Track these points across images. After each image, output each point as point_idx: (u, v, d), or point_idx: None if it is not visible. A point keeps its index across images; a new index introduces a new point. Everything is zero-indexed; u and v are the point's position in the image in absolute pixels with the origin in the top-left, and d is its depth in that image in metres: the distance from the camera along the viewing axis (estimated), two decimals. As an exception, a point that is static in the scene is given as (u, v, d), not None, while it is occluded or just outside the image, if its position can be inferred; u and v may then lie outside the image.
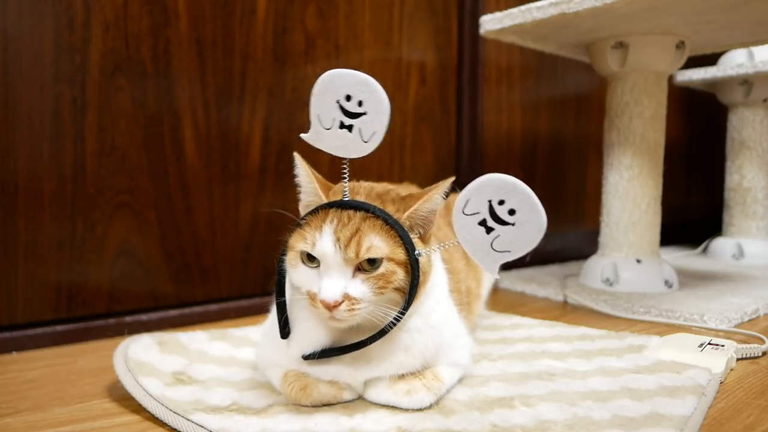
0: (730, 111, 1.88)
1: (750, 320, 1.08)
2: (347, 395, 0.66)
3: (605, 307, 1.15)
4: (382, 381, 0.64)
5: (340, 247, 0.58)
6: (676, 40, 1.26)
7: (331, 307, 0.57)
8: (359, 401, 0.66)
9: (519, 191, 0.55)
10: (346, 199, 0.62)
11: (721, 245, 1.85)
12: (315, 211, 0.62)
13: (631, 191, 1.28)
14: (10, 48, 0.87)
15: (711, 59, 1.81)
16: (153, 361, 0.75)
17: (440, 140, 1.46)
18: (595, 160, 1.85)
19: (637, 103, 1.27)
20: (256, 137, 1.12)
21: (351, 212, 0.60)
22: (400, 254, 0.60)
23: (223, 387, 0.70)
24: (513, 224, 0.56)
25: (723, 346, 0.82)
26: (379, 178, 0.71)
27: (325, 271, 0.59)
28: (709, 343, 0.83)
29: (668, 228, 1.51)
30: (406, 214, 0.62)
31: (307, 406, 0.64)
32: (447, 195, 0.65)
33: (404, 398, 0.63)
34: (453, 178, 0.64)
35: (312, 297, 0.60)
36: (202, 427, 0.59)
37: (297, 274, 0.62)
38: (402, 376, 0.64)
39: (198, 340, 0.85)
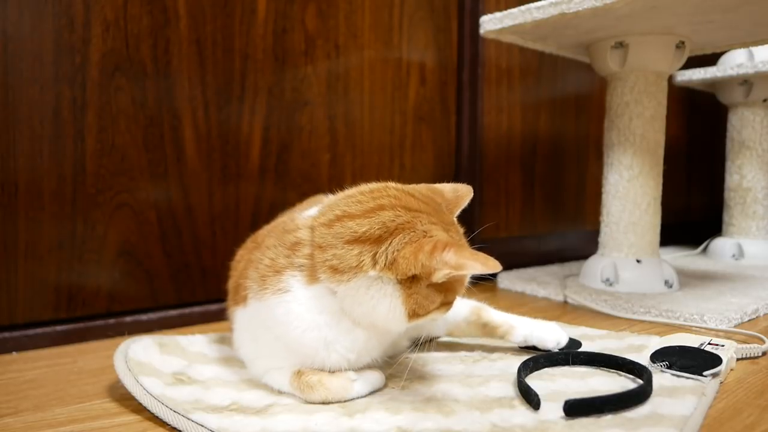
0: (730, 111, 1.88)
1: (750, 320, 1.08)
2: (357, 387, 0.67)
3: (605, 307, 1.15)
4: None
5: None
6: (676, 40, 1.26)
7: None
8: (359, 400, 0.66)
9: None
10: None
11: (721, 245, 1.85)
12: None
13: (631, 191, 1.28)
14: (10, 48, 0.87)
15: (711, 59, 1.81)
16: (153, 361, 0.75)
17: (440, 140, 1.46)
18: (595, 160, 1.85)
19: (637, 103, 1.27)
20: (256, 137, 1.12)
21: None
22: None
23: (223, 387, 0.70)
24: None
25: (723, 346, 0.82)
26: (378, 178, 0.71)
27: None
28: (709, 343, 0.83)
29: (668, 228, 1.51)
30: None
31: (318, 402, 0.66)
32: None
33: None
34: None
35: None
36: (203, 426, 0.59)
37: (437, 317, 0.67)
38: None
39: (197, 342, 0.86)
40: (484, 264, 0.58)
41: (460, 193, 0.72)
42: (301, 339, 0.65)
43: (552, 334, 0.83)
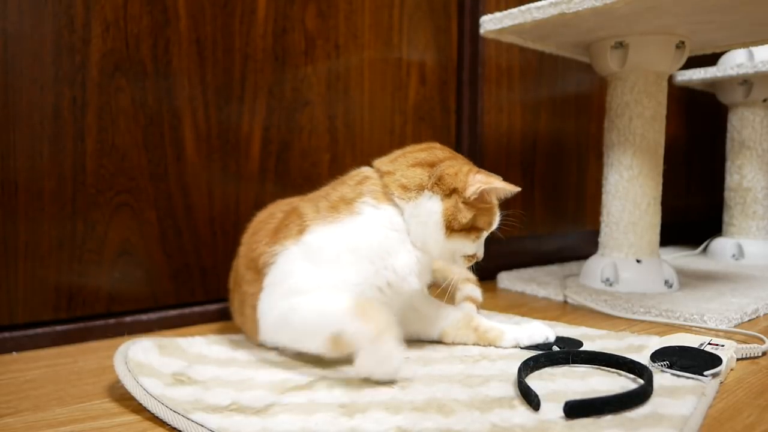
0: (730, 111, 1.89)
1: (750, 320, 1.08)
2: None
3: (605, 307, 1.15)
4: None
5: None
6: (676, 40, 1.26)
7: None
8: (359, 401, 0.66)
9: None
10: None
11: (721, 245, 1.85)
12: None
13: (631, 191, 1.28)
14: (10, 48, 0.87)
15: (711, 59, 1.81)
16: (153, 363, 0.75)
17: (440, 140, 1.45)
18: (595, 160, 1.85)
19: (637, 103, 1.27)
20: (256, 137, 1.12)
21: None
22: None
23: (222, 387, 0.70)
24: None
25: (723, 346, 0.82)
26: (379, 178, 0.73)
27: (483, 241, 0.83)
28: (709, 343, 0.83)
29: (668, 228, 1.51)
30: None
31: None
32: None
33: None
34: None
35: (470, 257, 0.82)
36: (203, 426, 0.59)
37: (467, 245, 0.80)
38: None
39: (197, 343, 0.86)
40: (507, 184, 0.78)
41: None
42: (386, 239, 0.77)
43: (540, 331, 0.89)
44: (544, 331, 0.89)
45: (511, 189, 0.78)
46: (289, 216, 0.82)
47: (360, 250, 0.76)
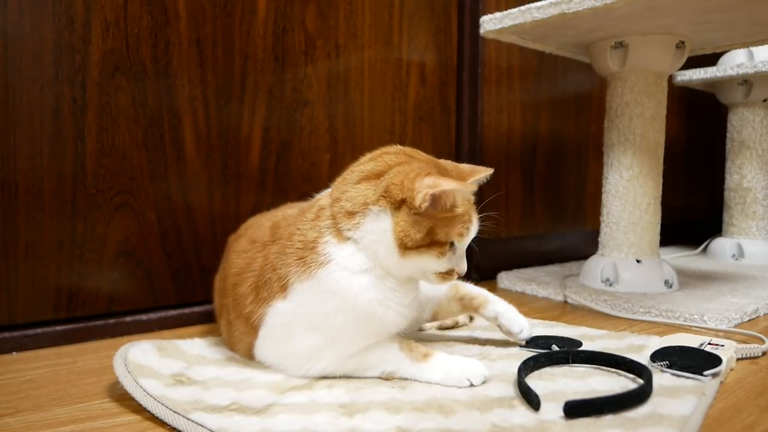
0: (730, 111, 1.89)
1: (750, 320, 1.08)
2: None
3: (605, 307, 1.15)
4: None
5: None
6: (676, 40, 1.26)
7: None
8: (359, 401, 0.66)
9: None
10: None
11: (721, 245, 1.85)
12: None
13: (631, 191, 1.28)
14: (10, 48, 0.87)
15: (711, 59, 1.81)
16: (152, 364, 0.75)
17: (440, 140, 1.46)
18: (595, 160, 1.85)
19: (637, 103, 1.27)
20: (256, 137, 1.12)
21: None
22: None
23: (222, 387, 0.70)
24: None
25: (723, 346, 0.82)
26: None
27: (462, 253, 0.71)
28: (708, 343, 0.83)
29: (668, 228, 1.51)
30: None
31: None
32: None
33: None
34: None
35: (445, 275, 0.70)
36: (202, 426, 0.59)
37: (433, 262, 0.69)
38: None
39: (197, 345, 0.86)
40: (458, 183, 0.66)
41: (476, 167, 0.78)
42: (362, 292, 0.68)
43: (520, 320, 0.87)
44: (522, 324, 0.86)
45: (462, 187, 0.65)
46: (264, 269, 0.74)
47: (345, 312, 0.69)
